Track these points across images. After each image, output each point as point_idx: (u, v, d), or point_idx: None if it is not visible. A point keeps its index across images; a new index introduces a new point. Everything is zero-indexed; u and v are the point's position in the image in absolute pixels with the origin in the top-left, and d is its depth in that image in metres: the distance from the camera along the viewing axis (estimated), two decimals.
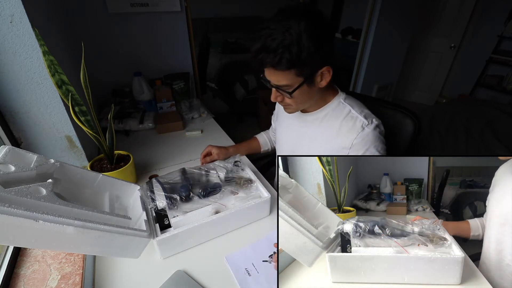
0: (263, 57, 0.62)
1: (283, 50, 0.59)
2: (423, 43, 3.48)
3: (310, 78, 0.66)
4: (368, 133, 0.70)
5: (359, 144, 0.71)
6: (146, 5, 1.43)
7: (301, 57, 0.60)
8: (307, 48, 0.59)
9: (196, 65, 1.78)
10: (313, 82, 0.67)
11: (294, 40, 0.58)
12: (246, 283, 0.60)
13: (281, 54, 0.59)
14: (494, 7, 3.05)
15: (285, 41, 0.58)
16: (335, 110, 0.77)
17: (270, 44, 0.59)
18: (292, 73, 0.63)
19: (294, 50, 0.59)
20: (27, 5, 0.67)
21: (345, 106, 0.76)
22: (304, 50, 0.59)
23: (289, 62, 0.60)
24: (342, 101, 0.77)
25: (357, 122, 0.72)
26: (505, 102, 2.97)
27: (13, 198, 0.39)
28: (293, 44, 0.58)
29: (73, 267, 0.62)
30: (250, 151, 1.10)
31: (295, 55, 0.59)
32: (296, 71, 0.63)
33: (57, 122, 0.83)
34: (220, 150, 0.99)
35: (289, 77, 0.64)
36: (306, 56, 0.60)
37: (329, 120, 0.77)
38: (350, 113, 0.74)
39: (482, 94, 3.36)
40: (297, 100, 0.71)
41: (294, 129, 0.87)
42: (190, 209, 0.68)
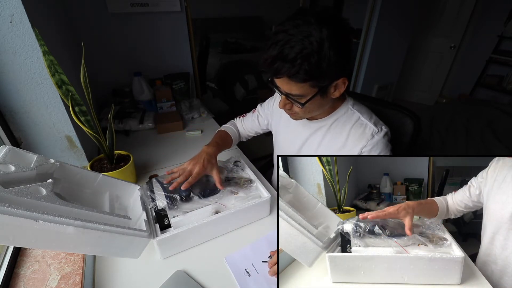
0: (279, 66, 0.56)
1: (301, 61, 0.54)
2: (423, 43, 3.48)
3: (324, 89, 0.62)
4: (378, 141, 0.69)
5: (369, 152, 0.69)
6: (146, 5, 1.43)
7: (320, 69, 0.55)
8: (328, 59, 0.53)
9: (196, 65, 1.78)
10: (326, 93, 0.63)
11: (314, 49, 0.53)
12: (246, 283, 0.60)
13: (299, 65, 0.54)
14: (494, 7, 3.05)
15: (305, 50, 0.53)
16: (344, 117, 0.74)
17: (288, 53, 0.54)
18: (307, 85, 0.59)
19: (313, 60, 0.53)
20: (27, 5, 0.67)
21: (353, 113, 0.73)
22: (325, 61, 0.54)
23: (307, 73, 0.55)
24: (351, 107, 0.74)
25: (367, 130, 0.70)
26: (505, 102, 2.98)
27: (13, 198, 0.39)
28: (313, 54, 0.53)
29: (73, 267, 0.62)
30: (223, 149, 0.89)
31: (315, 66, 0.54)
32: (312, 83, 0.58)
33: (57, 122, 0.83)
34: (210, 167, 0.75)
35: (303, 88, 0.60)
36: (326, 67, 0.55)
37: (337, 127, 0.74)
38: (359, 120, 0.72)
39: (482, 94, 3.37)
40: (306, 109, 0.66)
41: (297, 135, 0.83)
42: (190, 209, 0.68)
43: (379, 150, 0.69)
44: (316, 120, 0.77)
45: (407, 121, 0.87)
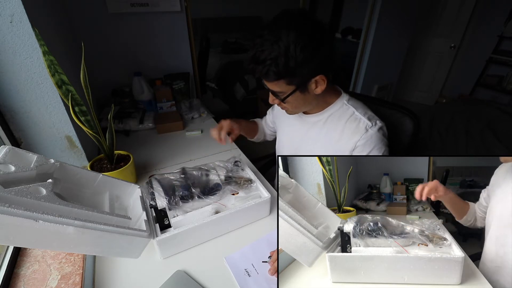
0: (253, 67, 0.64)
1: (270, 62, 0.60)
2: (423, 43, 3.48)
3: (302, 86, 0.66)
4: (372, 135, 0.70)
5: (363, 146, 0.71)
6: (146, 5, 1.43)
7: (288, 69, 0.60)
8: (295, 59, 0.59)
9: (196, 65, 1.78)
10: (306, 89, 0.67)
11: (282, 52, 0.58)
12: (246, 283, 0.60)
13: (268, 66, 0.61)
14: (494, 7, 3.05)
15: (273, 53, 0.59)
16: (338, 112, 0.76)
17: (259, 56, 0.61)
18: (281, 83, 0.65)
19: (280, 62, 0.59)
20: (27, 5, 0.67)
21: (348, 108, 0.75)
22: (291, 61, 0.59)
23: (275, 74, 0.62)
24: (346, 102, 0.76)
25: (360, 124, 0.71)
26: (505, 102, 2.98)
27: (13, 198, 0.39)
28: (280, 56, 0.59)
29: (73, 267, 0.62)
30: (246, 133, 1.03)
31: (282, 67, 0.60)
32: (285, 81, 0.64)
33: (57, 122, 0.83)
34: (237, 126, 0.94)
35: (279, 85, 0.66)
36: (294, 67, 0.60)
37: (332, 121, 0.77)
38: (353, 115, 0.74)
39: (482, 94, 3.36)
40: (292, 104, 0.72)
41: (296, 130, 0.86)
42: (190, 209, 0.68)
43: (373, 144, 0.70)
44: (311, 115, 0.81)
45: (406, 121, 0.87)
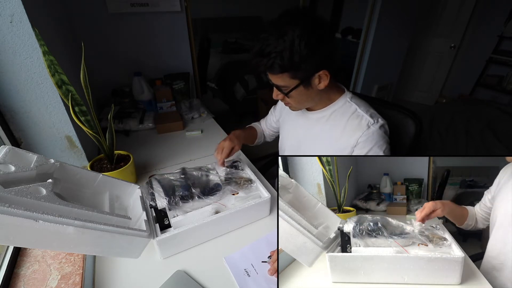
0: (257, 61, 0.65)
1: (275, 55, 0.62)
2: (423, 43, 3.48)
3: (306, 81, 0.67)
4: (374, 132, 0.71)
5: (364, 142, 0.71)
6: (146, 5, 1.43)
7: (293, 62, 0.62)
8: (299, 53, 0.61)
9: (196, 65, 1.78)
10: (310, 84, 0.68)
11: (287, 46, 0.60)
12: (245, 283, 0.60)
13: (273, 59, 0.62)
14: (494, 7, 3.04)
15: (278, 47, 0.61)
16: (341, 109, 0.77)
17: (264, 49, 0.63)
18: (286, 76, 0.66)
19: (285, 55, 0.61)
20: (27, 5, 0.67)
21: (351, 105, 0.76)
22: (296, 56, 0.61)
23: (280, 67, 0.63)
24: (349, 100, 0.77)
25: (362, 121, 0.72)
26: (505, 102, 2.97)
27: (13, 198, 0.39)
28: (285, 50, 0.61)
29: (73, 267, 0.62)
30: (247, 142, 1.02)
31: (287, 60, 0.62)
32: (289, 75, 0.66)
33: (57, 122, 0.83)
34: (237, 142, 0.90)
35: (283, 79, 0.67)
36: (298, 61, 0.62)
37: (335, 118, 0.77)
38: (356, 112, 0.75)
39: (482, 94, 3.36)
40: (295, 99, 0.73)
41: (299, 126, 0.87)
42: (190, 209, 0.68)
43: (374, 141, 0.71)
44: (314, 111, 0.81)
45: (408, 121, 0.86)
